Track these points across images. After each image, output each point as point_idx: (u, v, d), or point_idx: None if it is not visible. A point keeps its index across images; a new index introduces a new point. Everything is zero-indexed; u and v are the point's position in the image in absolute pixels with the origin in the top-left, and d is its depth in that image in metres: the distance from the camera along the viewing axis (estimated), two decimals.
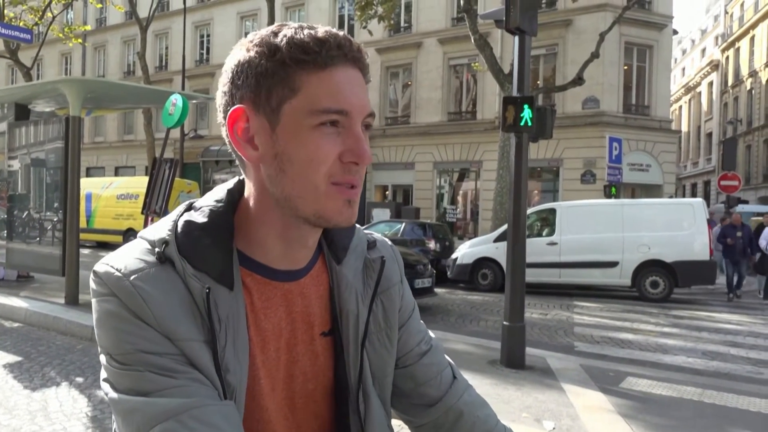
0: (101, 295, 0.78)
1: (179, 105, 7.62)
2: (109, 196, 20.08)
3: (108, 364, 0.77)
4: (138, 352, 0.74)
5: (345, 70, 0.79)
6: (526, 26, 5.72)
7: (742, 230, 12.95)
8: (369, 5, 15.57)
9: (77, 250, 8.10)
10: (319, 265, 0.93)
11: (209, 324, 0.77)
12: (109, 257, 0.81)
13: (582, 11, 20.03)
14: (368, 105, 0.81)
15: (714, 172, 38.56)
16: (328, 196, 0.79)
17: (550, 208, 13.37)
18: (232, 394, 0.79)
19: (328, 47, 0.77)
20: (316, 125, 0.77)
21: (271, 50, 0.77)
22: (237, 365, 0.80)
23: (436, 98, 23.24)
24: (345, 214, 0.81)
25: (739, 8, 40.78)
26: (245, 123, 0.81)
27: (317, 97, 0.77)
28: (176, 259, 0.79)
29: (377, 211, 19.56)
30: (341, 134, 0.78)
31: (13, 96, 9.51)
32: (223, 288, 0.80)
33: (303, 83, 0.77)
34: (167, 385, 0.73)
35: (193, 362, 0.76)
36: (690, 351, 7.37)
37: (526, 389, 4.99)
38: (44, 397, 4.56)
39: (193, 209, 0.86)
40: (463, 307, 10.59)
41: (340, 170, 0.79)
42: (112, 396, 0.75)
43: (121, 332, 0.75)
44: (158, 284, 0.77)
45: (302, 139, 0.77)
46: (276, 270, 0.87)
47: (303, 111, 0.77)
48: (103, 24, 34.03)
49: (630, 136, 19.83)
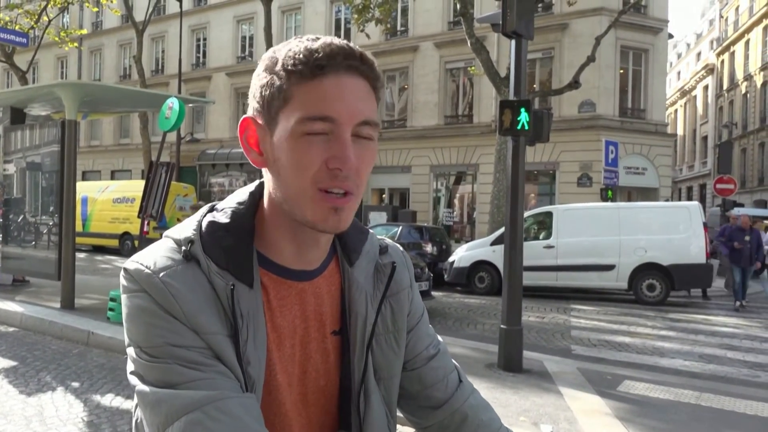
0: (132, 291, 0.82)
1: (175, 108, 7.62)
2: (105, 200, 20.02)
3: (137, 357, 0.80)
4: (167, 345, 0.78)
5: (337, 79, 0.81)
6: (523, 30, 5.74)
7: (751, 234, 11.77)
8: (366, 8, 15.59)
9: (73, 254, 8.08)
10: (333, 266, 0.98)
11: (233, 319, 0.82)
12: (138, 255, 0.85)
13: (578, 15, 20.09)
14: (361, 112, 0.82)
15: (710, 176, 38.72)
16: (314, 202, 0.82)
17: (547, 212, 13.39)
18: (252, 386, 0.83)
19: (317, 57, 0.80)
20: (304, 132, 0.80)
21: (273, 62, 0.83)
22: (257, 359, 0.84)
23: (432, 102, 23.27)
24: (330, 221, 0.83)
25: (734, 12, 40.99)
26: (252, 131, 0.87)
27: (305, 105, 0.80)
28: (201, 257, 0.84)
29: (374, 215, 19.55)
30: (329, 141, 0.81)
31: (8, 100, 9.49)
32: (244, 286, 0.85)
33: (294, 93, 0.81)
34: (194, 377, 0.77)
35: (219, 355, 0.80)
36: (687, 354, 7.38)
37: (523, 393, 4.98)
38: (40, 402, 4.54)
39: (215, 210, 0.91)
40: (461, 310, 10.58)
41: (326, 176, 0.81)
42: (140, 388, 0.79)
43: (152, 326, 0.79)
44: (186, 281, 0.81)
45: (292, 146, 0.81)
46: (290, 270, 0.91)
47: (294, 119, 0.81)
48: (99, 28, 33.98)
49: (626, 140, 19.87)
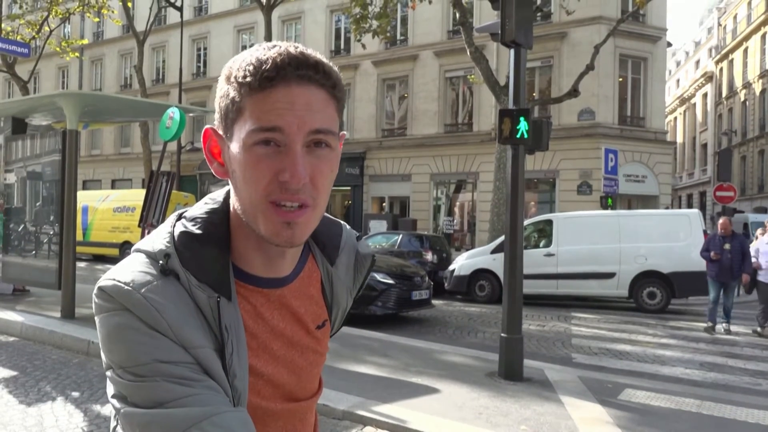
0: (109, 311, 0.78)
1: (176, 118, 7.63)
2: (106, 209, 20.02)
3: (120, 378, 0.77)
4: (155, 362, 0.75)
5: (287, 90, 0.78)
6: (522, 39, 5.76)
7: (731, 241, 9.52)
8: (364, 19, 15.65)
9: (74, 263, 8.07)
10: (310, 265, 0.98)
11: (219, 333, 0.81)
12: (111, 273, 0.82)
13: (577, 24, 20.17)
14: (313, 122, 0.79)
15: (709, 183, 38.74)
16: (265, 216, 0.81)
17: (547, 220, 13.39)
18: (239, 399, 0.82)
19: (265, 69, 0.78)
20: (254, 143, 0.79)
21: (229, 73, 0.82)
22: (242, 371, 0.83)
23: (432, 110, 23.32)
24: (283, 235, 0.81)
25: (732, 21, 41.15)
26: (214, 141, 0.87)
27: (255, 116, 0.78)
28: (180, 271, 0.82)
29: (374, 223, 19.56)
30: (280, 153, 0.79)
31: (10, 110, 9.52)
32: (224, 299, 0.83)
33: (246, 104, 0.79)
34: (184, 394, 0.74)
35: (207, 369, 0.79)
36: (688, 362, 7.36)
37: (524, 401, 4.97)
38: (40, 412, 4.52)
39: (185, 218, 0.89)
40: (461, 318, 10.56)
41: (277, 189, 0.79)
42: (127, 410, 0.76)
43: (136, 344, 0.76)
44: (168, 295, 0.79)
45: (245, 158, 0.80)
46: (261, 278, 0.90)
47: (245, 131, 0.79)
48: (100, 38, 34.12)
49: (625, 148, 19.90)
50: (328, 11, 25.79)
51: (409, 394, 5.03)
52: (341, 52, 25.58)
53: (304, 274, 0.96)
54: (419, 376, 5.64)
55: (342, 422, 4.45)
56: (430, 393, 5.13)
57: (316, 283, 0.98)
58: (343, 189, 25.37)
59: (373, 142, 24.49)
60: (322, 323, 0.98)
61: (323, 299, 0.99)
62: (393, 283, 9.19)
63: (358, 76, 24.93)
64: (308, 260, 0.97)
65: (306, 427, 0.99)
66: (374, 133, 24.64)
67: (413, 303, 9.56)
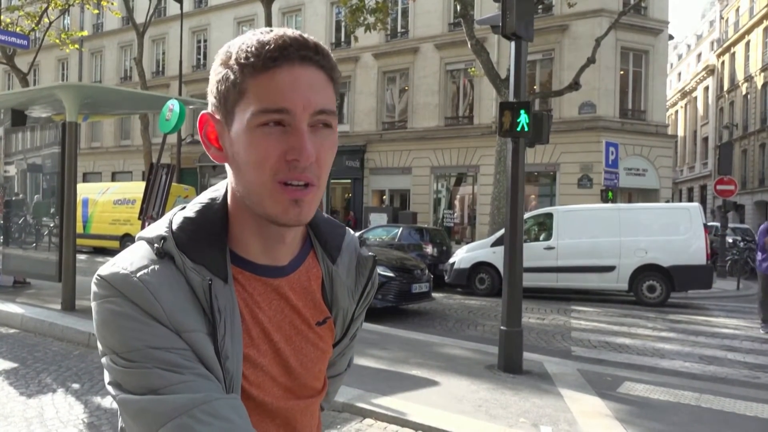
0: (104, 297, 0.80)
1: (176, 110, 7.62)
2: (106, 202, 20.02)
3: (114, 364, 0.78)
4: (146, 348, 0.76)
5: (290, 70, 0.80)
6: (523, 32, 5.74)
7: None
8: (360, 10, 15.53)
9: (74, 255, 8.07)
10: (311, 261, 0.98)
11: (210, 315, 0.81)
12: (112, 260, 0.83)
13: (578, 17, 20.10)
14: (317, 102, 0.81)
15: (710, 177, 38.70)
16: (274, 195, 0.81)
17: (547, 213, 13.38)
18: (230, 381, 0.83)
19: (268, 50, 0.79)
20: (259, 125, 0.80)
21: (227, 57, 0.83)
22: (234, 354, 0.84)
23: (433, 103, 23.28)
24: (291, 213, 0.82)
25: (734, 13, 40.98)
26: (211, 126, 0.87)
27: (259, 97, 0.79)
28: (175, 253, 0.83)
29: (374, 216, 19.57)
30: (286, 133, 0.80)
31: (9, 102, 9.50)
32: (219, 280, 0.84)
33: (249, 86, 0.80)
34: (175, 381, 0.75)
35: (199, 353, 0.79)
36: (687, 355, 7.38)
37: (523, 394, 4.98)
38: (40, 403, 4.54)
39: (185, 207, 0.91)
40: (461, 311, 10.58)
41: (285, 168, 0.80)
42: (121, 397, 0.77)
43: (128, 330, 0.77)
44: (163, 278, 0.80)
45: (248, 139, 0.80)
46: (259, 265, 0.90)
47: (249, 112, 0.80)
48: (100, 30, 34.01)
49: (626, 141, 19.87)
50: (328, 3, 25.70)
51: (408, 387, 5.05)
52: (342, 45, 25.51)
53: (304, 268, 0.96)
54: (419, 369, 5.66)
55: (341, 414, 4.47)
56: (429, 385, 5.14)
57: (317, 280, 0.97)
58: (344, 182, 25.37)
59: (374, 135, 24.45)
60: (324, 320, 0.98)
61: (323, 297, 0.98)
62: (393, 276, 9.21)
63: (359, 69, 24.87)
64: (309, 256, 0.97)
65: (306, 428, 0.98)
66: (375, 126, 24.61)
67: (413, 296, 9.58)
